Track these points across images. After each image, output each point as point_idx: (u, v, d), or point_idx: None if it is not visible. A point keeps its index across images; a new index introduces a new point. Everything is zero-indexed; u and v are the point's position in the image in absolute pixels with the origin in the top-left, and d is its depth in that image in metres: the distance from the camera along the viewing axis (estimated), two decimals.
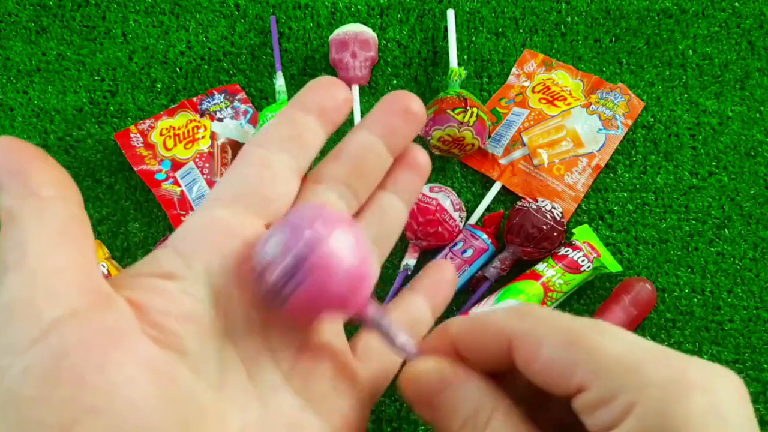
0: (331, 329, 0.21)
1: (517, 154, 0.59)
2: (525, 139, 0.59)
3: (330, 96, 0.21)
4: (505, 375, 0.19)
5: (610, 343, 0.16)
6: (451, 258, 0.53)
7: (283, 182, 0.20)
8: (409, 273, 0.54)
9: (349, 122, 0.60)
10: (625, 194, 0.59)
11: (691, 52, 0.64)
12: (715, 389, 0.15)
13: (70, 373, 0.14)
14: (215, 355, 0.18)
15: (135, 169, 0.57)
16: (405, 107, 0.22)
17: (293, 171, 0.21)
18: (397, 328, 0.20)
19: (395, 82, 0.63)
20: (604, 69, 0.63)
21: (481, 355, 0.19)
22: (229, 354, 0.18)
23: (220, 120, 0.60)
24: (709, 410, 0.15)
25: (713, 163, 0.60)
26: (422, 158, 0.23)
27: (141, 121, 0.60)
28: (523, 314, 0.18)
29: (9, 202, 0.16)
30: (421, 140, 0.60)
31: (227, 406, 0.18)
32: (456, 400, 0.19)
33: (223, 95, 0.62)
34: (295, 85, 0.62)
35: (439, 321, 0.22)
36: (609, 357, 0.16)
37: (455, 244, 0.54)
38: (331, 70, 0.63)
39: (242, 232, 0.19)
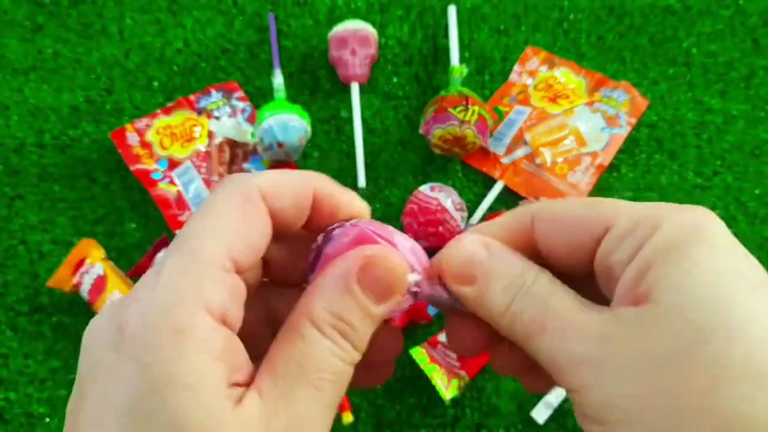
0: None
1: (519, 153, 0.58)
2: (527, 137, 0.58)
3: None
4: None
5: (622, 201, 0.20)
6: None
7: None
8: None
9: (348, 121, 0.60)
10: (629, 194, 0.58)
11: (695, 50, 0.63)
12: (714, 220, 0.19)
13: None
14: None
15: (131, 168, 0.56)
16: None
17: None
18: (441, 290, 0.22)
19: (395, 80, 0.62)
20: (608, 67, 0.63)
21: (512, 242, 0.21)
22: None
23: (218, 118, 0.59)
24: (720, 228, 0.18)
25: (718, 163, 0.59)
26: None
27: (137, 120, 0.59)
28: (538, 204, 0.21)
29: None
30: (423, 139, 0.59)
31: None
32: (503, 264, 0.20)
33: (220, 93, 0.61)
34: (293, 83, 0.62)
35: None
36: (626, 204, 0.19)
37: None
38: (331, 68, 0.62)
39: None
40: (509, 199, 0.58)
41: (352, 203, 0.22)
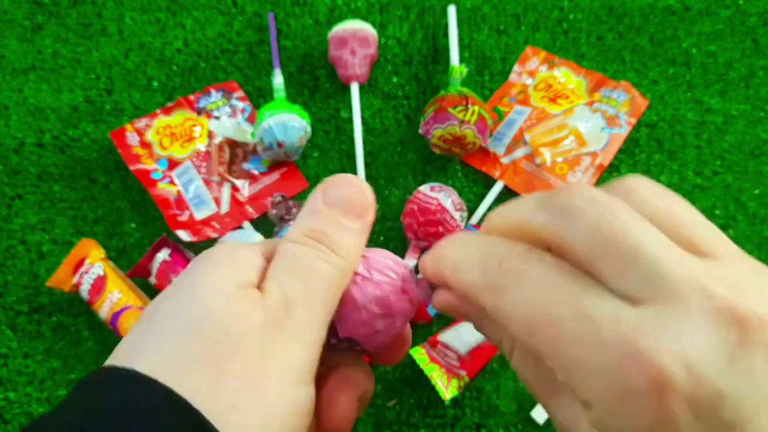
0: None
1: (519, 152, 0.58)
2: (527, 137, 0.58)
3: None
4: None
5: None
6: None
7: None
8: None
9: (348, 121, 0.60)
10: None
11: (695, 50, 0.63)
12: None
13: None
14: None
15: (130, 168, 0.56)
16: None
17: None
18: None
19: (395, 80, 0.62)
20: (608, 67, 0.63)
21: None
22: None
23: (218, 118, 0.59)
24: None
25: (717, 163, 0.59)
26: None
27: (137, 120, 0.59)
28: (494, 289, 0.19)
29: None
30: (422, 139, 0.59)
31: None
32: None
33: (220, 93, 0.61)
34: (293, 83, 0.62)
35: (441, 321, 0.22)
36: None
37: None
38: (330, 68, 0.62)
39: None
40: (509, 199, 0.57)
41: None
